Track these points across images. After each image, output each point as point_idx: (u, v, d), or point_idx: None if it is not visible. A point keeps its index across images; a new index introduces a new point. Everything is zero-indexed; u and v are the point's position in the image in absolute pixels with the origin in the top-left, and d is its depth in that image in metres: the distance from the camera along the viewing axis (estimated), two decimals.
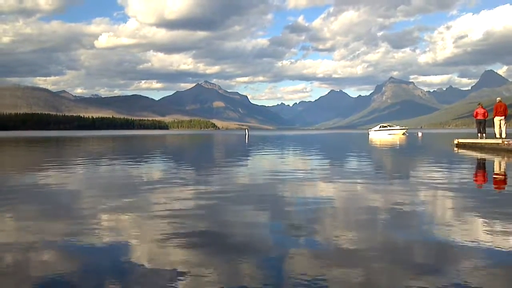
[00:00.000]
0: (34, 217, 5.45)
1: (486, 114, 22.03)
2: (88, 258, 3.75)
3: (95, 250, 3.98)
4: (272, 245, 4.13)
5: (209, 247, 4.01)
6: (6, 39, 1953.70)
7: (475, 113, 22.50)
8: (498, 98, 21.46)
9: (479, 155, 16.62)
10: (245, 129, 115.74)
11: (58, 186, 8.45)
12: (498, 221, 4.90)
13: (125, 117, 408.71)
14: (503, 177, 9.83)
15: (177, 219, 5.15)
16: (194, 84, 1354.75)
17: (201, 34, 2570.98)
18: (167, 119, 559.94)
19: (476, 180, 9.15)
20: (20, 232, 4.65)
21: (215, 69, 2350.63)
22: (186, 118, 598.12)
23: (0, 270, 3.40)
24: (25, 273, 3.34)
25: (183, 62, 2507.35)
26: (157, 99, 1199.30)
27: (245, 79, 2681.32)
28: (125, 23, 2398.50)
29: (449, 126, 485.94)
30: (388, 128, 59.65)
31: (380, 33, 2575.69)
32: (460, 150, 19.62)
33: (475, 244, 3.97)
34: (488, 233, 4.35)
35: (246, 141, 37.41)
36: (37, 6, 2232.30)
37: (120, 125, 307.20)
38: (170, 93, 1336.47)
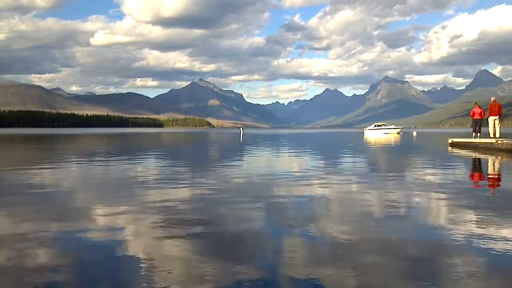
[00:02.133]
0: (28, 214, 5.37)
1: (483, 113, 22.13)
2: (81, 253, 3.69)
3: (87, 243, 3.93)
4: (267, 240, 4.09)
5: (205, 243, 3.97)
6: (1, 36, 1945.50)
7: (472, 112, 22.59)
8: (492, 98, 21.56)
9: (472, 154, 16.69)
10: (240, 127, 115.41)
11: (55, 184, 8.39)
12: (494, 219, 4.92)
13: (120, 115, 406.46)
14: (496, 176, 9.89)
15: (169, 217, 5.11)
16: (189, 82, 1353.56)
17: (197, 32, 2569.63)
18: (162, 117, 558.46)
19: (469, 179, 9.20)
20: (18, 226, 4.58)
21: (211, 67, 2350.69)
22: (181, 116, 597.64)
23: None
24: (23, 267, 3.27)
25: (179, 60, 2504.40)
26: (152, 97, 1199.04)
27: (241, 77, 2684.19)
28: (121, 20, 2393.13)
29: (443, 125, 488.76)
30: (383, 127, 59.93)
31: (375, 32, 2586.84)
32: (454, 149, 19.70)
33: (469, 242, 3.96)
34: (483, 231, 4.34)
35: (241, 140, 37.36)
36: (33, 3, 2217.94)
37: (115, 122, 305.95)
38: (165, 91, 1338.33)
